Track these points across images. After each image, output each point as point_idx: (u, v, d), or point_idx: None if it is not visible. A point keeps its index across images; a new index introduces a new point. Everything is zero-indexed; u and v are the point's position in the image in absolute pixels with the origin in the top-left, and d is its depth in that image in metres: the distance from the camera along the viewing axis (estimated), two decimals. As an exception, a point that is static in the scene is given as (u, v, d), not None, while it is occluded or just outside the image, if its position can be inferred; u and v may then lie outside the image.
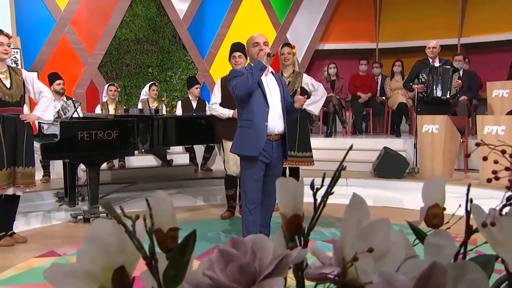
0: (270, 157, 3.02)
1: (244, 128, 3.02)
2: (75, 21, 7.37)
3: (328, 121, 7.65)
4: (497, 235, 0.46)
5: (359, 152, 6.85)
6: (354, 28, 9.12)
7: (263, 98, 2.99)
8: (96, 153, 4.10)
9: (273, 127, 3.01)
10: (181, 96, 7.92)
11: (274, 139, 3.03)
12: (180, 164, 6.71)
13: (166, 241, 0.45)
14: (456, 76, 6.00)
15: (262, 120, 2.97)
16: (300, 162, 4.52)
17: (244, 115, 3.05)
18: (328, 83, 7.87)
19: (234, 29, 8.40)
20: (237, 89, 2.95)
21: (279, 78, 3.17)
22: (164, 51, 8.05)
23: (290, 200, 0.52)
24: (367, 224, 0.48)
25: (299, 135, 4.52)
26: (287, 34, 8.75)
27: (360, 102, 7.76)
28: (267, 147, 3.00)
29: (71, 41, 7.34)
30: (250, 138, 2.97)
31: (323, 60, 9.15)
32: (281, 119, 3.05)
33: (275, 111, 3.02)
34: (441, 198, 0.54)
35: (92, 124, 4.15)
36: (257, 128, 2.96)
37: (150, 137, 4.55)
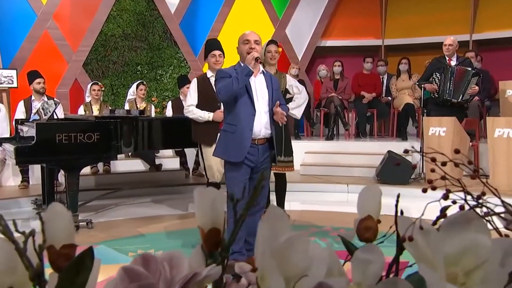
0: (256, 161, 3.07)
1: (228, 132, 3.07)
2: (58, 15, 7.38)
3: (329, 123, 7.64)
4: (423, 249, 0.45)
5: (362, 156, 6.85)
6: (358, 24, 9.13)
7: (249, 102, 3.03)
8: (75, 157, 4.09)
9: (258, 132, 3.07)
10: (172, 96, 7.93)
11: (259, 143, 3.08)
12: (170, 169, 6.71)
13: (59, 260, 0.44)
14: (475, 80, 5.88)
15: (247, 126, 3.01)
16: (286, 167, 4.53)
17: (229, 119, 3.09)
18: (331, 81, 7.87)
19: (229, 24, 8.41)
20: (221, 93, 2.99)
21: (270, 77, 3.18)
22: (154, 47, 8.06)
23: (208, 211, 0.51)
24: (284, 240, 0.47)
25: (285, 139, 4.54)
26: (286, 30, 8.77)
27: (364, 102, 7.75)
28: (253, 151, 3.05)
29: (54, 36, 7.35)
30: (234, 144, 3.01)
31: (325, 58, 9.15)
32: (267, 123, 3.10)
33: (261, 115, 3.07)
34: (376, 209, 0.53)
35: (71, 126, 4.15)
36: (241, 134, 3.01)
37: (134, 139, 4.55)
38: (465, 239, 0.47)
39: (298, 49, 8.83)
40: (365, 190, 0.54)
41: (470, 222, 0.47)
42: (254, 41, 3.11)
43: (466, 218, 0.47)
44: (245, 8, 8.54)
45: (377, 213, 0.53)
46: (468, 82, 5.87)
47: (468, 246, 0.46)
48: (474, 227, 0.47)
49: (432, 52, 6.41)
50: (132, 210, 5.42)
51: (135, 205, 5.64)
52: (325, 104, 7.75)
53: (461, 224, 0.48)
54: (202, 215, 0.51)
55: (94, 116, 4.60)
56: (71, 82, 7.50)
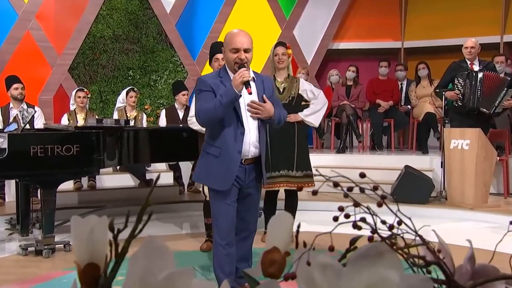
0: (242, 182, 2.96)
1: (211, 155, 2.91)
2: (41, 14, 7.47)
3: (341, 134, 7.61)
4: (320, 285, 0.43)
5: (377, 172, 6.78)
6: (375, 24, 9.12)
7: (237, 119, 2.87)
8: (51, 172, 4.10)
9: (246, 151, 2.92)
10: (167, 104, 7.96)
11: (246, 163, 2.95)
12: (162, 185, 6.68)
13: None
14: (511, 93, 5.82)
15: (234, 148, 2.86)
16: (299, 184, 4.49)
17: (211, 139, 2.92)
18: (344, 87, 7.86)
19: (230, 25, 8.43)
20: (201, 117, 2.83)
21: (262, 82, 3.00)
22: (147, 50, 8.11)
23: (85, 243, 0.49)
24: (164, 277, 0.45)
25: (298, 151, 4.50)
26: (294, 31, 8.79)
27: (380, 111, 7.71)
28: (239, 171, 2.92)
29: (37, 38, 7.43)
30: (219, 169, 2.87)
31: (337, 62, 9.13)
32: (256, 140, 2.95)
33: (249, 132, 2.91)
34: (285, 239, 0.51)
35: (47, 137, 4.16)
36: (228, 157, 2.86)
37: (119, 152, 4.55)
38: (373, 275, 0.44)
39: (307, 52, 8.83)
40: (274, 218, 0.52)
41: (380, 256, 0.45)
42: (244, 50, 2.87)
43: (377, 252, 0.45)
44: (248, 7, 8.59)
45: (286, 245, 0.51)
46: (504, 94, 5.77)
47: (375, 283, 0.44)
48: (385, 262, 0.45)
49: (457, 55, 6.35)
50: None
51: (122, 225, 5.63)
52: (336, 113, 7.72)
53: (370, 258, 0.45)
54: (78, 247, 0.49)
55: (74, 126, 4.61)
56: (55, 88, 7.56)
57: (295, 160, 4.48)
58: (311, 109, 4.53)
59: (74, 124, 6.33)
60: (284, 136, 4.46)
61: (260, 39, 8.51)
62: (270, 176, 4.43)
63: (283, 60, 4.44)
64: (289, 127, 4.47)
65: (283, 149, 4.46)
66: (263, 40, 8.41)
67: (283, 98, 4.44)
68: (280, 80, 4.53)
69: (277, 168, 4.43)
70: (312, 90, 4.55)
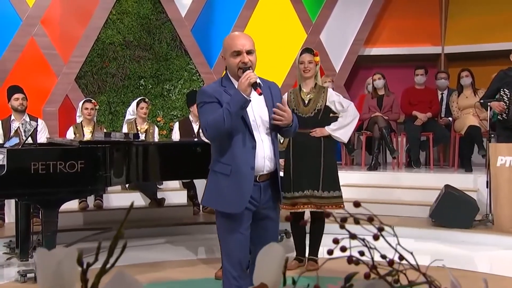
0: (257, 203, 2.90)
1: (220, 174, 2.85)
2: (46, 19, 7.62)
3: (372, 150, 7.56)
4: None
5: (413, 192, 6.75)
6: (412, 27, 9.07)
7: (247, 131, 2.83)
8: (53, 191, 4.13)
9: (261, 166, 2.87)
10: (181, 116, 8.01)
11: (261, 180, 2.91)
12: (175, 204, 6.73)
13: None
14: None
15: (247, 164, 2.80)
16: (326, 205, 4.48)
17: (219, 155, 2.87)
18: (374, 99, 7.82)
19: (251, 29, 8.47)
20: (209, 131, 2.77)
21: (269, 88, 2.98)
22: (160, 58, 8.20)
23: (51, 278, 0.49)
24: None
25: (324, 168, 4.48)
26: (321, 35, 8.80)
27: (417, 124, 7.65)
28: (253, 190, 2.86)
29: (41, 45, 7.57)
30: (230, 189, 2.81)
31: (369, 69, 9.09)
32: (271, 153, 2.90)
33: (263, 144, 2.86)
34: (275, 274, 0.50)
35: (49, 152, 4.22)
36: (239, 175, 2.80)
37: (127, 169, 4.59)
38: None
39: (336, 59, 8.82)
40: (263, 251, 0.51)
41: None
42: (247, 52, 2.83)
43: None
44: (270, 10, 8.63)
45: (276, 281, 0.50)
46: None
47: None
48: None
49: (506, 62, 6.27)
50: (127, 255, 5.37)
51: (131, 249, 5.64)
52: (367, 125, 7.68)
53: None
54: (43, 281, 0.49)
55: (78, 141, 4.67)
56: (60, 99, 7.68)
57: (321, 179, 4.46)
58: (339, 122, 4.52)
59: (80, 138, 6.41)
60: (309, 152, 4.45)
61: (284, 45, 8.56)
62: (292, 197, 4.41)
63: (309, 69, 4.45)
64: (314, 143, 4.46)
65: (307, 166, 4.44)
66: (286, 46, 8.45)
67: (308, 110, 4.44)
68: (305, 91, 4.52)
69: (300, 188, 4.42)
70: (340, 102, 4.53)
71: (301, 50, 4.58)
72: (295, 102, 4.49)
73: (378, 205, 6.62)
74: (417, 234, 5.87)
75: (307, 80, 4.50)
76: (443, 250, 5.47)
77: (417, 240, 5.67)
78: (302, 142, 4.39)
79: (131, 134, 5.46)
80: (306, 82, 4.51)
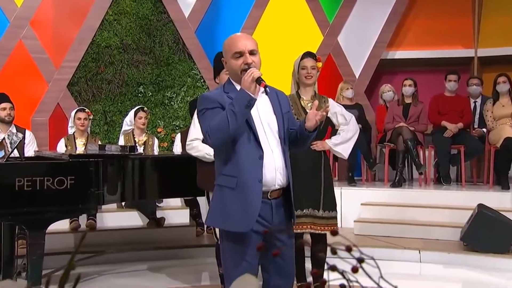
0: (269, 224, 2.84)
1: (225, 188, 2.82)
2: (36, 21, 7.67)
3: (396, 164, 7.51)
4: None
5: (443, 212, 6.69)
6: (441, 27, 9.04)
7: (253, 140, 2.81)
8: (40, 210, 4.11)
9: (272, 180, 2.82)
10: (185, 126, 8.00)
11: (273, 197, 2.86)
12: (176, 224, 6.71)
13: None
14: None
15: (254, 176, 2.77)
16: (327, 226, 4.46)
17: (223, 167, 2.85)
18: (400, 107, 7.78)
19: (261, 31, 8.49)
20: (212, 136, 2.74)
21: (276, 95, 2.97)
22: (161, 62, 8.22)
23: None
24: None
25: (324, 185, 4.48)
26: (339, 37, 8.79)
27: (447, 136, 7.59)
28: (264, 209, 2.81)
29: (31, 48, 7.62)
30: (235, 206, 2.77)
31: (393, 75, 9.05)
32: (282, 165, 2.87)
33: (272, 156, 2.83)
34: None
35: (35, 167, 4.21)
36: (246, 188, 2.76)
37: (121, 185, 4.57)
38: None
39: (355, 63, 8.78)
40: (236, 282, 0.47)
41: None
42: (249, 52, 2.85)
43: None
44: (282, 9, 8.64)
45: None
46: None
47: None
48: None
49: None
50: (123, 282, 5.41)
51: (128, 275, 5.64)
52: (391, 137, 7.63)
53: None
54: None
55: (68, 154, 4.66)
56: (51, 108, 7.71)
57: (321, 196, 4.45)
58: (342, 137, 4.53)
59: (72, 151, 6.41)
60: (309, 166, 4.45)
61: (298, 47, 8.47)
62: None
63: (311, 75, 4.46)
64: (315, 157, 4.48)
65: (308, 182, 4.42)
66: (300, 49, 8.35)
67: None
68: (306, 99, 4.52)
69: (300, 206, 4.38)
70: (343, 114, 4.56)
71: (302, 54, 4.58)
72: (295, 111, 4.48)
73: (402, 227, 6.57)
74: (447, 259, 5.81)
75: (307, 87, 4.51)
76: (476, 277, 5.42)
77: (446, 266, 5.62)
78: (302, 156, 4.38)
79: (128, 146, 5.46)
80: (307, 89, 4.52)
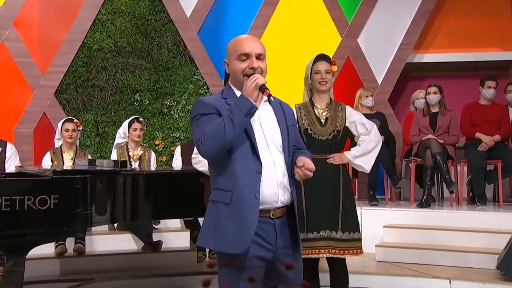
0: (273, 247, 2.85)
1: (219, 204, 2.83)
2: (20, 21, 7.73)
3: (424, 181, 7.48)
4: None
5: (477, 236, 6.61)
6: (475, 28, 9.06)
7: (252, 151, 2.82)
8: (19, 233, 4.08)
9: (272, 196, 2.84)
10: (185, 138, 8.01)
11: (276, 216, 2.87)
12: (175, 249, 6.69)
13: None
14: None
15: (250, 191, 2.77)
16: (346, 250, 4.42)
17: (218, 180, 2.88)
18: (426, 117, 7.75)
19: (272, 32, 8.52)
20: (205, 144, 2.75)
21: (281, 106, 3.02)
22: (160, 67, 8.26)
23: None
24: None
25: (343, 204, 4.45)
26: (359, 39, 8.80)
27: (481, 149, 7.55)
28: (266, 230, 2.83)
29: (14, 52, 7.69)
30: (231, 223, 2.78)
31: (420, 81, 9.05)
32: (286, 180, 2.89)
33: (274, 169, 2.85)
34: None
35: (14, 185, 4.19)
36: (241, 204, 2.77)
37: (111, 205, 4.56)
38: None
39: (378, 67, 8.77)
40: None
41: None
42: (256, 56, 2.90)
43: None
44: (296, 7, 8.66)
45: None
46: None
47: None
48: None
49: None
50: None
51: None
52: (417, 151, 7.60)
53: None
54: None
55: (52, 170, 4.66)
56: (37, 118, 7.75)
57: (340, 216, 4.41)
58: (362, 148, 4.50)
59: (59, 166, 6.41)
60: (325, 183, 4.41)
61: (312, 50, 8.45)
62: (306, 239, 4.34)
63: (326, 80, 4.45)
64: (332, 171, 4.45)
65: (324, 201, 4.39)
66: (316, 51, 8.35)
67: (326, 131, 4.43)
68: (321, 107, 4.51)
69: (316, 227, 4.35)
70: (363, 123, 4.53)
71: (315, 57, 4.57)
72: (309, 121, 4.46)
73: (431, 252, 6.51)
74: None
75: (322, 94, 4.50)
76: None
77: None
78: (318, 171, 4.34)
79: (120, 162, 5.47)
80: (321, 96, 4.51)
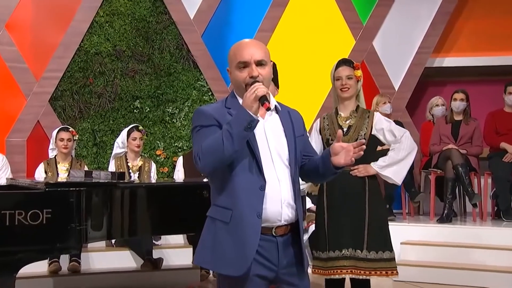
0: (275, 266, 2.84)
1: (218, 221, 2.80)
2: (13, 24, 7.77)
3: (445, 194, 7.47)
4: None
5: (503, 254, 6.62)
6: (498, 30, 9.03)
7: (256, 166, 2.80)
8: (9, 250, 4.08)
9: (276, 214, 2.82)
10: (188, 148, 8.00)
11: (278, 234, 2.85)
12: (177, 266, 6.70)
13: None
14: None
15: (252, 209, 2.75)
16: (373, 270, 4.38)
17: (218, 198, 2.85)
18: (448, 125, 7.73)
19: (281, 35, 8.52)
20: (203, 160, 2.73)
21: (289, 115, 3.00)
22: (162, 72, 8.26)
23: None
24: None
25: (369, 220, 4.40)
26: (374, 41, 8.79)
27: (507, 161, 7.54)
28: (267, 248, 2.81)
29: (6, 56, 7.72)
30: (229, 244, 2.76)
31: (441, 86, 9.03)
32: (291, 197, 2.86)
33: (279, 185, 2.83)
34: None
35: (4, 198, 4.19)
36: (242, 224, 2.75)
37: (108, 220, 4.56)
38: None
39: (395, 72, 8.75)
40: None
41: None
42: (257, 63, 2.87)
43: None
44: (306, 8, 8.66)
45: None
46: None
47: None
48: None
49: None
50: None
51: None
52: (437, 162, 7.58)
53: None
54: None
55: (45, 183, 4.67)
56: (30, 126, 7.77)
57: (365, 234, 4.38)
58: (391, 157, 4.47)
59: (53, 178, 6.42)
60: (349, 197, 4.39)
61: (324, 54, 8.52)
62: (328, 258, 4.33)
63: (348, 86, 4.43)
64: (357, 185, 4.42)
65: (347, 217, 4.37)
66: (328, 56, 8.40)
67: (348, 141, 4.39)
68: (344, 115, 4.49)
69: (338, 246, 4.34)
70: (391, 130, 4.48)
71: (337, 62, 4.55)
72: (331, 130, 4.45)
73: (451, 271, 6.51)
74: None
75: (345, 101, 4.49)
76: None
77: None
78: (340, 184, 4.32)
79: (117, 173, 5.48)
80: (345, 104, 4.50)
